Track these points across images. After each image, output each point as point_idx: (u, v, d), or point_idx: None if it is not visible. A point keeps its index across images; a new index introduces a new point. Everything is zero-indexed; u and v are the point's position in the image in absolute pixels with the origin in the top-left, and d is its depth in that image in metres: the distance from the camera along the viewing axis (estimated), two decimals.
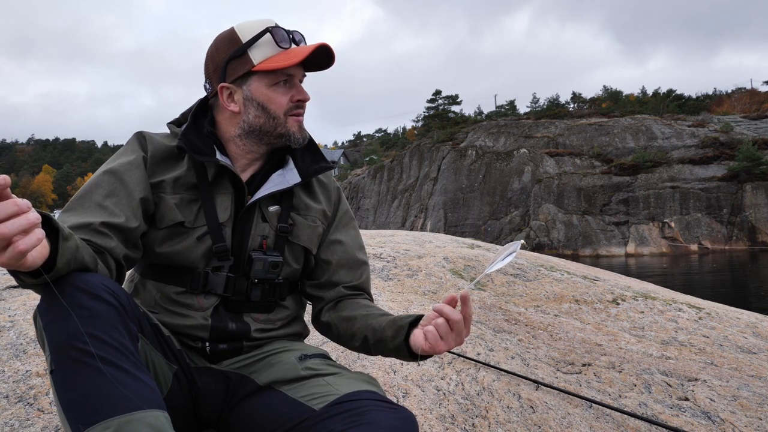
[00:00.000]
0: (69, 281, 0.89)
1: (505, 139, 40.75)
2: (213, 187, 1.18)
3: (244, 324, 1.18)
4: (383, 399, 1.00)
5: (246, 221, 1.19)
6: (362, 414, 0.94)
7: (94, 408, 0.81)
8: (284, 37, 1.15)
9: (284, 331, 1.25)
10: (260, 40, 1.14)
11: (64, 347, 0.83)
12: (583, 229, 32.31)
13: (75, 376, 0.82)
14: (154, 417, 0.83)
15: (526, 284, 3.83)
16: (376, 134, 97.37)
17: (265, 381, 1.11)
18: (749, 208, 30.28)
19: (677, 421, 1.91)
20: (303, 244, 1.25)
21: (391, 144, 71.84)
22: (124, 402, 0.82)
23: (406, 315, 1.11)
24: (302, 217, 1.25)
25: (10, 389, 1.69)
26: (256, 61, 1.14)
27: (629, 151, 35.73)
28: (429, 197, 40.41)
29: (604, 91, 59.17)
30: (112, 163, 1.15)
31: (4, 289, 2.84)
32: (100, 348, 0.83)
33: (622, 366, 2.36)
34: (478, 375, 2.11)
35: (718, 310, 3.67)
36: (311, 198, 1.29)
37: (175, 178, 1.16)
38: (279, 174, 1.23)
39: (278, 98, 1.16)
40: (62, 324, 0.84)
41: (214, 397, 1.14)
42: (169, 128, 1.25)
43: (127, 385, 0.83)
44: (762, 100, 52.65)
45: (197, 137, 1.18)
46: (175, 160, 1.19)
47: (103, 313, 0.86)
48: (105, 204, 1.07)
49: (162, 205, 1.15)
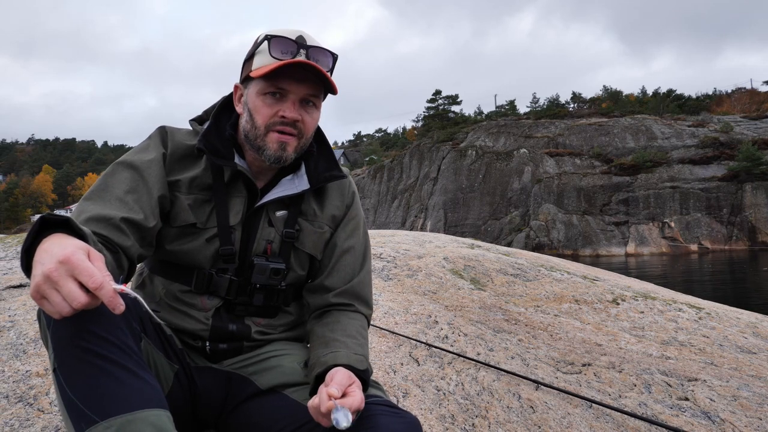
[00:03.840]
0: None
1: (505, 139, 40.74)
2: (227, 190, 1.17)
3: (244, 326, 1.18)
4: (388, 403, 1.00)
5: (252, 225, 1.18)
6: (368, 418, 0.94)
7: (97, 407, 0.80)
8: (285, 48, 1.11)
9: (285, 335, 1.25)
10: (261, 46, 1.14)
11: (68, 345, 0.83)
12: (583, 229, 32.31)
13: (78, 374, 0.82)
14: (156, 416, 0.83)
15: (526, 284, 3.83)
16: (376, 134, 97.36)
17: (268, 385, 1.11)
18: (749, 208, 30.27)
19: (677, 421, 1.91)
20: (308, 251, 1.23)
21: (391, 144, 71.86)
22: (127, 401, 0.82)
23: (321, 365, 1.05)
24: (309, 222, 1.24)
25: (10, 389, 1.69)
26: (254, 67, 1.14)
27: (629, 151, 35.73)
28: (429, 197, 40.41)
29: (604, 91, 59.13)
30: (134, 156, 1.15)
31: (4, 289, 2.84)
32: (104, 347, 0.83)
33: (622, 366, 2.36)
34: (478, 375, 2.11)
35: (718, 310, 3.67)
36: (322, 203, 1.26)
37: (191, 178, 1.16)
38: (289, 179, 1.21)
39: (263, 108, 1.12)
40: (66, 322, 0.83)
41: (213, 397, 1.14)
42: (191, 125, 1.24)
43: (130, 385, 0.83)
44: (762, 100, 52.65)
45: (218, 139, 1.18)
46: (194, 159, 1.18)
47: (107, 312, 0.86)
48: (126, 199, 1.07)
49: (176, 205, 1.15)
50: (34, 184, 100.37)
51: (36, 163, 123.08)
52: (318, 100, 1.16)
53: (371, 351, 2.27)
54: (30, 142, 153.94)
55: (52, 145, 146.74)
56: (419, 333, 2.52)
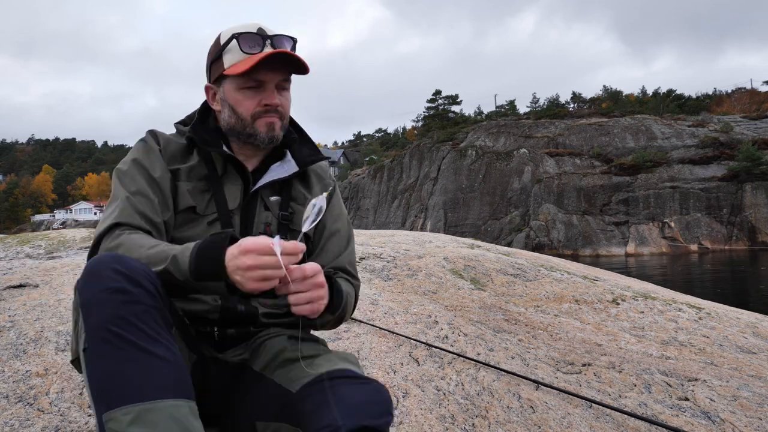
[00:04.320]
0: (112, 265, 0.91)
1: (505, 139, 40.73)
2: (222, 179, 1.25)
3: (251, 307, 1.21)
4: (356, 375, 1.03)
5: (250, 210, 1.25)
6: (335, 391, 0.97)
7: (119, 392, 0.83)
8: (252, 42, 1.18)
9: (290, 319, 1.26)
10: (229, 45, 1.20)
11: (100, 328, 0.85)
12: (583, 229, 32.30)
13: (106, 357, 0.85)
14: (177, 407, 0.85)
15: (526, 284, 3.83)
16: (376, 134, 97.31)
17: (260, 367, 1.14)
18: (749, 208, 30.27)
19: (677, 421, 1.91)
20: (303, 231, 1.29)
21: (391, 144, 71.83)
22: (148, 389, 0.83)
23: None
24: (300, 205, 1.31)
25: (10, 389, 1.69)
26: (226, 66, 1.20)
27: (629, 151, 35.72)
28: (429, 197, 40.40)
29: (604, 91, 59.13)
30: (137, 155, 1.22)
31: (4, 289, 2.84)
32: (135, 334, 0.86)
33: (622, 366, 2.36)
34: (478, 375, 2.11)
35: (718, 310, 3.67)
36: (307, 188, 1.35)
37: (189, 168, 1.24)
38: (278, 165, 1.30)
39: (245, 101, 1.21)
40: (101, 306, 0.87)
41: (218, 391, 1.15)
42: (176, 128, 1.32)
43: (155, 373, 0.85)
44: (762, 100, 52.65)
45: (205, 131, 1.26)
46: (186, 154, 1.26)
47: (143, 299, 0.89)
48: (142, 209, 1.14)
49: (178, 191, 1.22)
50: (34, 184, 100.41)
51: (36, 163, 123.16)
52: (288, 83, 1.26)
53: (371, 351, 2.27)
54: (30, 142, 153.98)
55: (52, 145, 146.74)
56: (419, 333, 2.52)
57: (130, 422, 0.81)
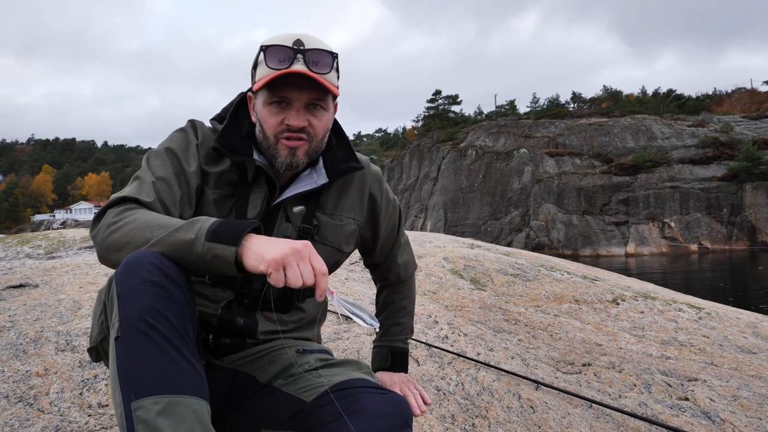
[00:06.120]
0: (151, 259, 0.92)
1: (505, 139, 40.76)
2: (252, 185, 1.19)
3: (252, 321, 1.18)
4: (374, 385, 1.01)
5: (270, 221, 1.19)
6: (352, 402, 0.96)
7: (150, 382, 0.83)
8: (281, 56, 1.10)
9: (293, 335, 1.25)
10: (260, 57, 1.14)
11: (135, 319, 0.86)
12: (583, 229, 32.32)
13: (138, 347, 0.85)
14: (200, 406, 0.85)
15: (526, 284, 3.83)
16: (376, 134, 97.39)
17: (266, 378, 1.13)
18: (749, 208, 30.29)
19: (677, 421, 1.91)
20: (331, 245, 1.25)
21: (391, 144, 71.88)
22: (178, 383, 0.84)
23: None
24: (329, 216, 1.25)
25: (10, 389, 1.69)
26: (257, 78, 1.15)
27: (629, 151, 35.75)
28: (429, 197, 40.42)
29: (604, 91, 59.14)
30: (172, 144, 1.18)
31: (4, 289, 2.84)
32: (168, 329, 0.87)
33: (622, 366, 2.36)
34: (478, 375, 2.11)
35: (718, 310, 3.67)
36: (342, 195, 1.28)
37: (219, 173, 1.19)
38: (308, 174, 1.21)
39: (269, 119, 1.13)
40: (138, 297, 0.87)
41: (215, 395, 1.14)
42: (212, 125, 1.25)
43: (183, 369, 0.86)
44: (762, 100, 52.68)
45: (235, 136, 1.19)
46: (220, 155, 1.19)
47: (177, 297, 0.90)
48: (162, 197, 1.11)
49: (203, 197, 1.18)
50: (34, 184, 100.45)
51: (36, 163, 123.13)
52: (325, 102, 1.15)
53: (371, 351, 2.27)
54: (30, 142, 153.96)
55: (52, 145, 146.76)
56: (419, 333, 2.52)
57: (158, 412, 0.81)
